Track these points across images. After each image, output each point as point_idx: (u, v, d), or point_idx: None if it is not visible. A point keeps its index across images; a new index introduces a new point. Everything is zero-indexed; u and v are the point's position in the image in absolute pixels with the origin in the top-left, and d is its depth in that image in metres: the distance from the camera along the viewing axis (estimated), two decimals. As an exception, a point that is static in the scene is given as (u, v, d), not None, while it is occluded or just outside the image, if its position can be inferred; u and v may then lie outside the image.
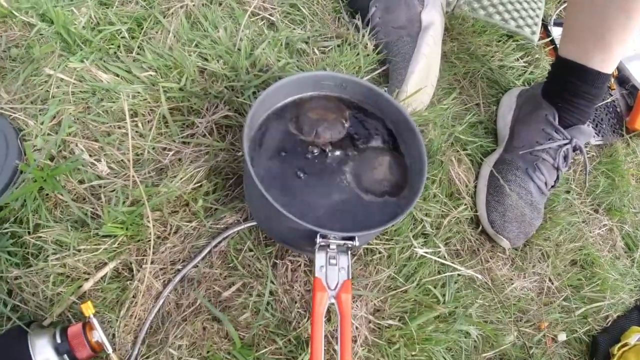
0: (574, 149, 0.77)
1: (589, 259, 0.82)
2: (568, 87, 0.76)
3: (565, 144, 0.76)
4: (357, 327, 0.66)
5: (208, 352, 0.62)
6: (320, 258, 0.55)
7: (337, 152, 0.65)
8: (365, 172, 0.64)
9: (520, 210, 0.75)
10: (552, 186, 0.78)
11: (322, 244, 0.54)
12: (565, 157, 0.77)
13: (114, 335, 0.61)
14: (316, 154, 0.64)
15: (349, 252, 0.55)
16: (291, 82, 0.64)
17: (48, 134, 0.66)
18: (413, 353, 0.66)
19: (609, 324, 0.82)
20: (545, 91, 0.79)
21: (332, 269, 0.54)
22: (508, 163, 0.78)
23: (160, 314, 0.63)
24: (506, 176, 0.76)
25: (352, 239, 0.54)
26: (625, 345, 0.77)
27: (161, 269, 0.64)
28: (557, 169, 0.77)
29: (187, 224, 0.66)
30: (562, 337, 0.78)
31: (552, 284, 0.79)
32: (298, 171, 0.62)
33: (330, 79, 0.67)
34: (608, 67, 0.73)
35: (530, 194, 0.76)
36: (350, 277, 0.55)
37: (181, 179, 0.66)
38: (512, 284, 0.77)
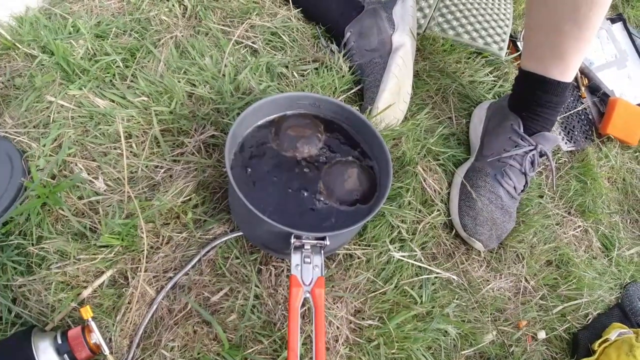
0: (540, 155, 0.82)
1: (564, 259, 0.86)
2: (531, 98, 0.81)
3: (531, 150, 0.81)
4: (338, 327, 0.70)
5: (199, 353, 0.66)
6: (295, 257, 0.60)
7: (313, 164, 0.71)
8: (337, 183, 0.69)
9: (491, 214, 0.80)
10: (522, 190, 0.83)
11: (297, 244, 0.60)
12: (532, 163, 0.82)
13: (110, 339, 0.66)
14: (295, 166, 0.70)
15: (322, 251, 0.61)
16: (268, 102, 0.70)
17: (50, 155, 0.72)
18: (392, 351, 0.70)
19: (589, 321, 0.85)
20: (510, 103, 0.85)
21: (306, 267, 0.60)
22: (478, 170, 0.83)
23: (153, 319, 0.68)
24: (476, 183, 0.81)
25: (323, 238, 0.60)
26: (606, 341, 0.80)
27: (154, 277, 0.69)
28: (525, 174, 0.81)
29: (178, 234, 0.71)
30: (541, 335, 0.81)
31: (528, 283, 0.83)
32: (276, 181, 0.68)
33: (304, 98, 0.73)
34: (566, 77, 0.78)
35: (500, 199, 0.81)
36: (324, 275, 0.60)
37: (172, 193, 0.72)
38: (489, 284, 0.81)
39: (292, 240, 0.59)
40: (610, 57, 1.05)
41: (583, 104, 1.02)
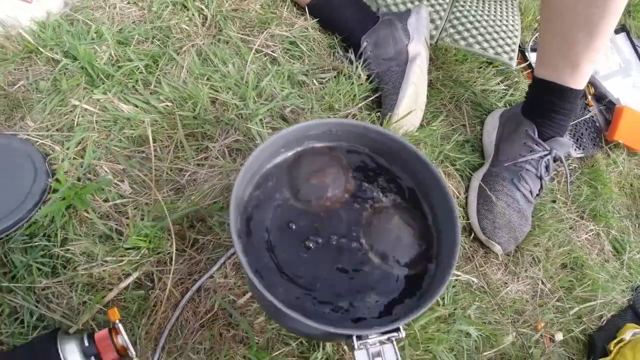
0: (555, 160, 0.84)
1: (578, 262, 0.87)
2: (544, 104, 0.84)
3: (546, 155, 0.83)
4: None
5: (225, 356, 0.66)
6: (361, 357, 0.47)
7: (348, 216, 0.58)
8: (380, 237, 0.57)
9: (509, 218, 0.81)
10: (537, 194, 0.85)
11: (361, 346, 0.47)
12: (547, 167, 0.84)
13: (135, 342, 0.65)
14: (326, 225, 0.57)
15: (395, 345, 0.48)
16: (270, 145, 0.56)
17: (74, 158, 0.72)
18: (417, 352, 0.70)
19: (603, 323, 0.86)
20: (524, 109, 0.87)
21: None
22: (495, 175, 0.84)
23: (178, 322, 0.68)
24: (494, 187, 0.83)
25: (396, 330, 0.47)
26: (621, 341, 0.81)
27: (180, 279, 0.69)
28: (540, 178, 0.83)
29: (203, 237, 0.72)
30: (559, 336, 0.82)
31: (545, 286, 0.84)
32: (309, 245, 0.56)
33: (315, 127, 0.58)
34: (578, 84, 0.81)
35: (517, 202, 0.82)
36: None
37: (198, 196, 0.72)
38: (507, 287, 0.82)
39: (355, 342, 0.46)
40: (615, 66, 1.09)
41: (590, 112, 1.05)
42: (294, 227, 0.57)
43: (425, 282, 0.56)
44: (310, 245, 0.56)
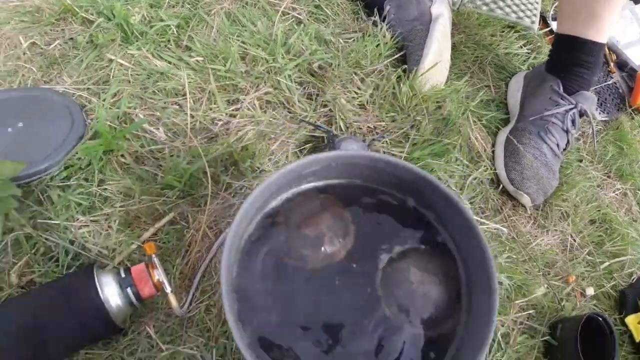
0: (580, 114, 0.85)
1: (607, 218, 0.87)
2: (568, 59, 0.85)
3: (572, 109, 0.83)
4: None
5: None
6: None
7: (355, 273, 0.48)
8: (399, 293, 0.48)
9: (536, 170, 0.81)
10: (564, 149, 0.85)
11: None
12: (573, 121, 0.84)
13: (170, 281, 0.66)
14: (332, 284, 0.48)
15: None
16: (256, 197, 0.47)
17: (109, 108, 0.74)
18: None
19: (634, 280, 0.85)
20: (548, 67, 0.88)
21: None
22: (521, 130, 0.85)
23: (212, 263, 0.69)
24: (521, 140, 0.83)
25: None
26: (653, 296, 0.81)
27: (214, 221, 0.70)
28: (567, 132, 0.84)
29: (237, 182, 0.73)
30: (590, 291, 0.81)
31: (575, 240, 0.84)
32: (320, 310, 0.47)
33: (314, 163, 0.49)
34: (601, 37, 0.82)
35: (545, 155, 0.83)
36: None
37: (232, 139, 0.73)
38: (536, 240, 0.82)
39: None
40: (634, 36, 1.10)
41: (613, 78, 1.05)
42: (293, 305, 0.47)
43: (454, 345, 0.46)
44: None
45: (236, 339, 0.39)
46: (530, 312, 0.76)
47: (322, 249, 0.48)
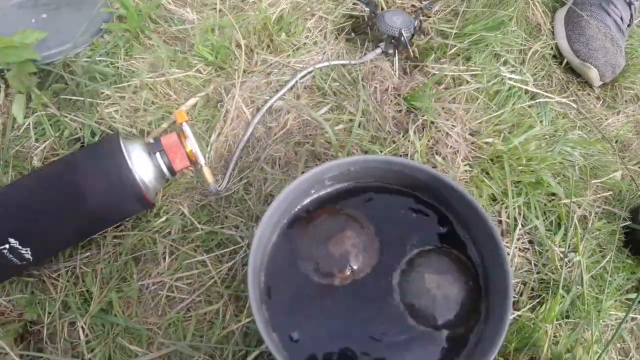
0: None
1: (683, 102, 0.78)
2: None
3: (635, -23, 0.75)
4: (456, 141, 0.62)
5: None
6: None
7: (380, 285, 0.48)
8: (415, 295, 0.48)
9: (602, 42, 0.73)
10: (628, 25, 0.76)
11: None
12: (637, -9, 0.75)
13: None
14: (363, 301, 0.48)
15: None
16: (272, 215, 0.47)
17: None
18: (519, 168, 0.62)
19: None
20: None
21: None
22: (582, 3, 0.76)
23: (250, 142, 0.62)
24: (582, 12, 0.75)
25: None
26: None
27: (249, 97, 0.63)
28: (630, 3, 0.75)
29: (272, 58, 0.66)
30: (671, 180, 0.72)
31: (649, 123, 0.75)
32: (345, 325, 0.47)
33: (334, 169, 0.49)
34: None
35: (609, 29, 0.74)
36: None
37: (265, 3, 0.67)
38: (607, 120, 0.73)
39: None
40: None
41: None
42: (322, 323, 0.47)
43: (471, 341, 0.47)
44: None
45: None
46: (608, 194, 0.67)
47: (348, 266, 0.48)
